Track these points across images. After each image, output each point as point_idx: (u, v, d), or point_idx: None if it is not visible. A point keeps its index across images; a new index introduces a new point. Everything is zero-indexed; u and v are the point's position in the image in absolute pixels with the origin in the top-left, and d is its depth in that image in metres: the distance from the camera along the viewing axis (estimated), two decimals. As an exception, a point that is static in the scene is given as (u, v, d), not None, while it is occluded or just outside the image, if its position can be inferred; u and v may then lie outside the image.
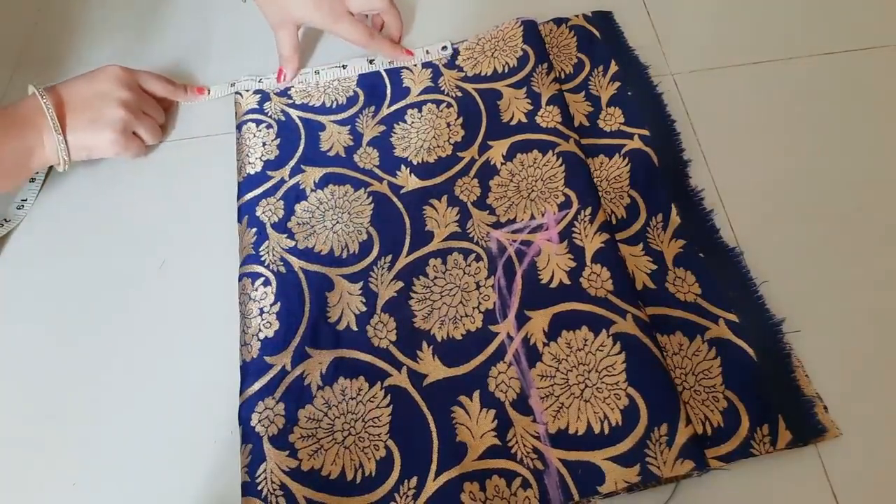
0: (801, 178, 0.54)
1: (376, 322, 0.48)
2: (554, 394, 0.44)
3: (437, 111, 0.58)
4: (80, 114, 0.53)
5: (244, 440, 0.44)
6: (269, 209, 0.53)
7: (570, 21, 0.62)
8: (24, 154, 0.51)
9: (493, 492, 0.42)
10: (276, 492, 0.42)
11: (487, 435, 0.44)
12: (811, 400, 0.44)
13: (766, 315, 0.47)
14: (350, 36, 0.58)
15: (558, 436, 0.43)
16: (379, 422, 0.44)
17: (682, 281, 0.49)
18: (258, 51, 0.63)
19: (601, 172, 0.54)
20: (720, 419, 0.43)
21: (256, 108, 0.58)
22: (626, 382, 0.44)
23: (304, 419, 0.44)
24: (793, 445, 0.43)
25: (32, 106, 0.51)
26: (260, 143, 0.56)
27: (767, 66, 0.60)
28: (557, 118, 0.56)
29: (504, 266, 0.50)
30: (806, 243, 0.51)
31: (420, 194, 0.54)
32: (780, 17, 0.63)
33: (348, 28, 0.58)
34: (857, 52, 0.60)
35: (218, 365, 0.48)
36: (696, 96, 0.58)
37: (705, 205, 0.53)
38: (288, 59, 0.60)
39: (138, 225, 0.54)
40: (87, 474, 0.45)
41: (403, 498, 0.42)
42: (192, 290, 0.51)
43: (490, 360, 0.46)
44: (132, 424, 0.46)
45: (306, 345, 0.47)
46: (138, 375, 0.48)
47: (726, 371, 0.45)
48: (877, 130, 0.56)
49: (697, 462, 0.41)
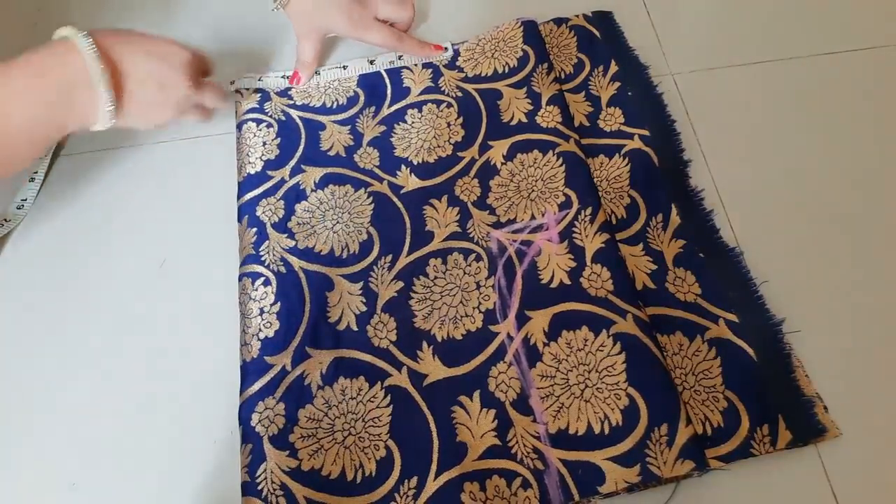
0: (801, 178, 0.54)
1: (376, 322, 0.48)
2: (554, 394, 0.45)
3: (438, 111, 0.58)
4: (138, 96, 0.46)
5: (244, 440, 0.44)
6: (270, 209, 0.53)
7: (570, 21, 0.62)
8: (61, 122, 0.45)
9: (494, 492, 0.42)
10: (276, 492, 0.42)
11: (487, 435, 0.44)
12: (811, 400, 0.44)
13: (766, 315, 0.48)
14: (381, 41, 0.59)
15: (558, 436, 0.43)
16: (379, 422, 0.44)
17: (682, 281, 0.49)
18: (258, 50, 0.63)
19: (601, 172, 0.54)
20: (720, 419, 0.44)
21: (257, 107, 0.58)
22: (626, 382, 0.44)
23: (305, 419, 0.44)
24: (793, 445, 0.43)
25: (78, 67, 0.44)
26: (260, 143, 0.56)
27: (767, 66, 0.60)
28: (558, 118, 0.56)
29: (504, 266, 0.50)
30: (806, 243, 0.51)
31: (420, 194, 0.54)
32: (780, 17, 0.63)
33: (378, 34, 0.59)
34: (857, 52, 0.60)
35: (218, 365, 0.48)
36: (696, 96, 0.59)
37: (705, 205, 0.53)
38: (308, 65, 0.60)
39: (138, 225, 0.54)
40: (86, 474, 0.45)
41: (403, 498, 0.42)
42: (192, 290, 0.51)
43: (490, 360, 0.46)
44: (132, 424, 0.46)
45: (306, 345, 0.47)
46: (138, 375, 0.48)
47: (726, 371, 0.45)
48: (877, 130, 0.56)
49: (698, 462, 0.41)
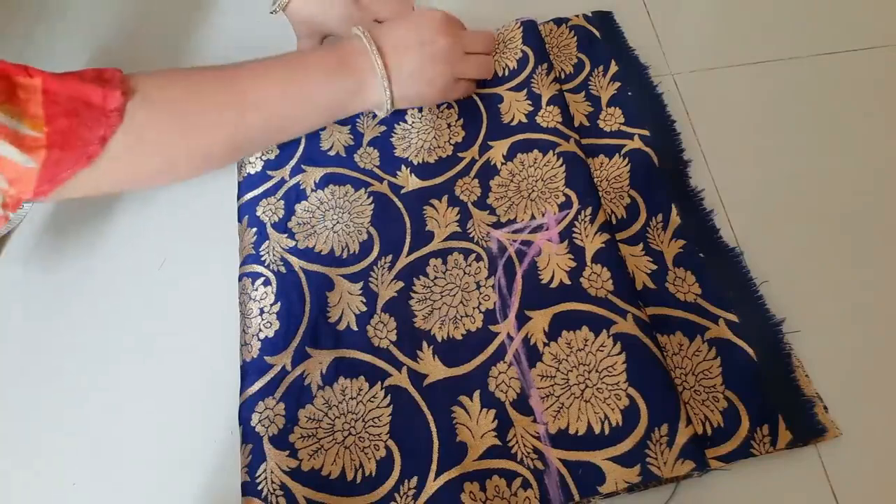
0: (802, 178, 0.54)
1: (376, 322, 0.48)
2: (554, 394, 0.45)
3: (438, 111, 0.58)
4: (402, 64, 0.52)
5: (244, 440, 0.44)
6: (270, 209, 0.53)
7: (570, 21, 0.62)
8: (346, 96, 0.52)
9: (494, 492, 0.42)
10: (276, 492, 0.42)
11: (488, 435, 0.44)
12: (811, 400, 0.44)
13: (766, 315, 0.48)
14: None
15: (558, 436, 0.43)
16: (379, 422, 0.44)
17: (682, 281, 0.49)
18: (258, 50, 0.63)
19: (601, 172, 0.54)
20: (720, 419, 0.44)
21: (256, 107, 0.58)
22: (626, 383, 0.44)
23: (305, 419, 0.44)
24: (793, 445, 0.43)
25: (356, 48, 0.51)
26: (260, 143, 0.56)
27: (767, 66, 0.60)
28: (558, 118, 0.56)
29: (504, 266, 0.50)
30: (806, 243, 0.51)
31: (420, 194, 0.54)
32: (779, 17, 0.63)
33: None
34: (857, 52, 0.60)
35: (218, 365, 0.48)
36: (696, 96, 0.59)
37: (705, 205, 0.53)
38: None
39: (138, 224, 0.54)
40: (86, 474, 0.45)
41: (404, 498, 0.42)
42: (192, 290, 0.51)
43: (490, 360, 0.46)
44: (132, 424, 0.46)
45: (306, 345, 0.47)
46: (138, 375, 0.48)
47: (726, 371, 0.45)
48: (877, 130, 0.56)
49: (698, 462, 0.41)
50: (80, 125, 0.41)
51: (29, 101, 0.39)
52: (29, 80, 0.39)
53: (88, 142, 0.41)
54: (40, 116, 0.39)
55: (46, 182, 0.41)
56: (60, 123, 0.40)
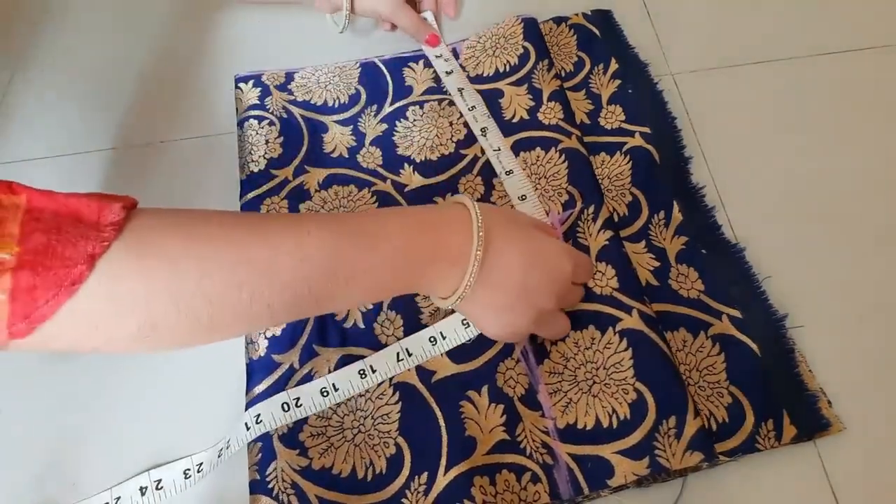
0: (802, 177, 0.54)
1: (383, 319, 0.48)
2: (562, 389, 0.45)
3: (440, 109, 0.58)
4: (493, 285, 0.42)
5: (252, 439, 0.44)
6: (273, 208, 0.53)
7: (569, 20, 0.63)
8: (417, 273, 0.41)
9: (504, 486, 0.42)
10: (287, 490, 0.42)
11: (496, 430, 0.44)
12: (815, 395, 0.45)
13: (769, 311, 0.48)
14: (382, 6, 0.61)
15: (567, 430, 0.43)
16: (388, 419, 0.44)
17: (685, 277, 0.49)
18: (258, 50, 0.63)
19: (603, 170, 0.55)
20: (725, 415, 0.44)
21: (258, 103, 0.58)
22: (634, 378, 0.44)
23: (314, 417, 0.44)
24: (797, 440, 0.43)
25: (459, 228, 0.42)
26: (263, 141, 0.56)
27: (767, 66, 0.61)
28: (559, 115, 0.56)
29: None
30: (808, 239, 0.51)
31: (424, 192, 0.54)
32: (780, 17, 0.64)
33: None
34: (857, 52, 0.61)
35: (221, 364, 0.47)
36: (696, 96, 0.59)
37: (707, 202, 0.53)
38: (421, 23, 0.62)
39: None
40: (87, 474, 0.44)
41: (415, 494, 0.42)
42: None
43: (498, 357, 0.46)
44: (133, 424, 0.46)
45: (314, 342, 0.47)
46: (140, 374, 0.48)
47: (730, 367, 0.45)
48: (877, 129, 0.57)
49: (706, 453, 0.41)
50: (62, 242, 0.31)
51: (6, 221, 0.30)
52: (11, 198, 0.31)
53: (72, 262, 0.31)
54: (14, 235, 0.30)
55: (21, 318, 0.30)
56: (36, 240, 0.30)
